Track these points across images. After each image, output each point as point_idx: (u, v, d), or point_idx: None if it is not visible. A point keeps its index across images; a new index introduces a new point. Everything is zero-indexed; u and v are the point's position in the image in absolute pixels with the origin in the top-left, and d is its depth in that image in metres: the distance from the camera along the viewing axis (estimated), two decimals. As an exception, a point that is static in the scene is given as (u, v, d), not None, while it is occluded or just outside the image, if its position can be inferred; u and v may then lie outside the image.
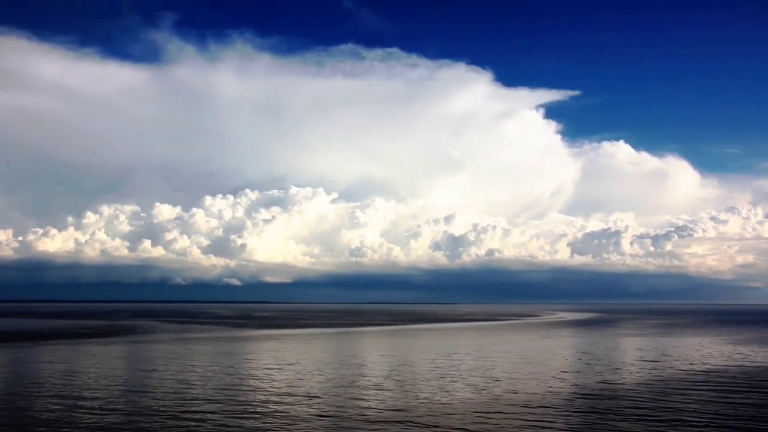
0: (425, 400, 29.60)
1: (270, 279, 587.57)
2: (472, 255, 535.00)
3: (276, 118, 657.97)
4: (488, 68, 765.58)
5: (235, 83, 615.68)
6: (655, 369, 42.28)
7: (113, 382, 35.34)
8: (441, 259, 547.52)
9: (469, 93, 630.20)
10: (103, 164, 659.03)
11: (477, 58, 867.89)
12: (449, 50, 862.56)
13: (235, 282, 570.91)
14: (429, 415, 26.03)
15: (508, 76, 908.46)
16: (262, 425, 24.38)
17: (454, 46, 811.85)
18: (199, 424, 24.53)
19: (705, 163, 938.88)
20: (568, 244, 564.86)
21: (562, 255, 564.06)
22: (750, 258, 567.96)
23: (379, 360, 48.70)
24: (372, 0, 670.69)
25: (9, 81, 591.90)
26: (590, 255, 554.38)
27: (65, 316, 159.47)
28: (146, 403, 29.00)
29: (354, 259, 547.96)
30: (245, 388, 33.56)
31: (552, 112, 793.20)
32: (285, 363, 45.56)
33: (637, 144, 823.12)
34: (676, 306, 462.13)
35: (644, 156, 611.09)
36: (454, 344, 67.25)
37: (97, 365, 44.32)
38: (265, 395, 31.15)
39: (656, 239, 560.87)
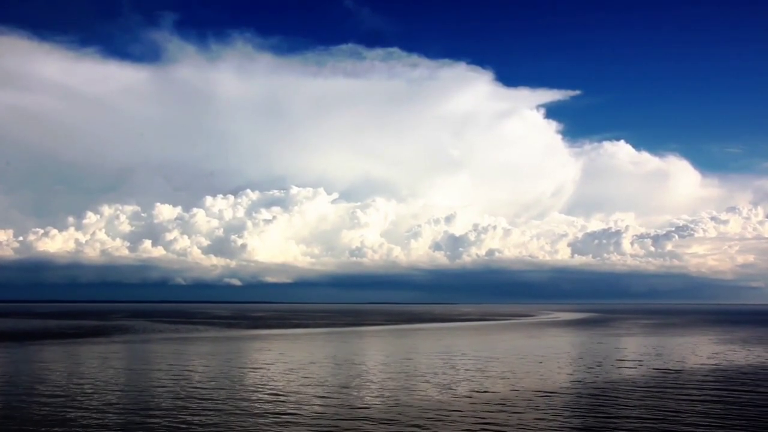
0: (388, 399, 29.79)
1: (270, 279, 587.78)
2: (473, 255, 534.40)
3: (276, 117, 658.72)
4: (489, 68, 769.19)
5: (236, 83, 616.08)
6: (630, 368, 42.39)
7: (83, 380, 35.54)
8: (441, 259, 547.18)
9: (469, 93, 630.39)
10: (104, 164, 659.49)
11: (477, 58, 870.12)
12: (450, 50, 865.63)
13: (236, 282, 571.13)
14: (386, 413, 26.21)
15: (509, 76, 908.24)
16: (217, 421, 24.57)
17: (454, 45, 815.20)
18: (160, 419, 24.72)
19: (706, 163, 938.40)
20: (569, 244, 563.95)
21: (563, 255, 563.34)
22: (750, 258, 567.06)
23: (357, 360, 48.85)
24: (372, 0, 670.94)
25: (9, 81, 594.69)
26: (591, 255, 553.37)
27: (61, 316, 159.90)
28: (109, 399, 29.22)
29: (354, 259, 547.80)
30: (213, 386, 33.72)
31: (552, 111, 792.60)
32: (263, 363, 45.76)
33: (638, 144, 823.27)
34: (676, 306, 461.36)
35: (645, 156, 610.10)
36: (439, 344, 67.38)
37: (74, 365, 44.60)
38: (230, 393, 31.35)
39: (657, 239, 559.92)
